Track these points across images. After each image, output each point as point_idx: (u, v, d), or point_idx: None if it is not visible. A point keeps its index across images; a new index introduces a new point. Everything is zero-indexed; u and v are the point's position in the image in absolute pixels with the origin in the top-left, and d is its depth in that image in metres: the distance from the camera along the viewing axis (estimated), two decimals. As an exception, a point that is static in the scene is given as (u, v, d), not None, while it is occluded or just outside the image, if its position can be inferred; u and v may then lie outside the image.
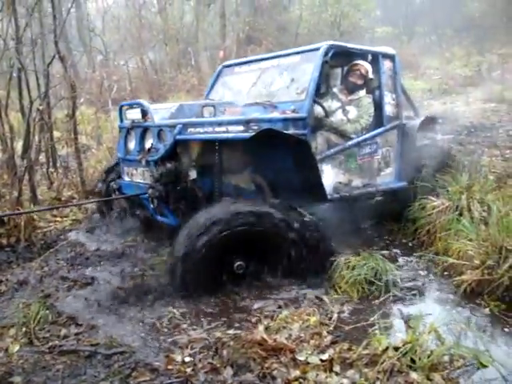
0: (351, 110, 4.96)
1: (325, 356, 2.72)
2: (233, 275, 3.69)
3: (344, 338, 2.95)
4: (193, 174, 4.01)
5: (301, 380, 2.52)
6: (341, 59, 5.11)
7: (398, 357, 2.60)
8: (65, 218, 5.77)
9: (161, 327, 3.19)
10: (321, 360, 2.69)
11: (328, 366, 2.63)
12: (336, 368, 2.62)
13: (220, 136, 3.94)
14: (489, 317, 3.28)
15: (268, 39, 15.81)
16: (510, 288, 3.40)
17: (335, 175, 4.71)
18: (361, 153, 4.94)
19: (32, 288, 3.84)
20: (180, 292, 3.54)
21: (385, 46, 5.63)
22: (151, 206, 4.13)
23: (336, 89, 5.15)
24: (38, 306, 3.29)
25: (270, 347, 2.77)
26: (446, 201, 4.73)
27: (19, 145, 6.19)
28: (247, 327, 3.11)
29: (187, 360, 2.75)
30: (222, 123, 4.05)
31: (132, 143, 4.47)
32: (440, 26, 22.66)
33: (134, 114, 4.33)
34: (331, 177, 4.66)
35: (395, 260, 4.36)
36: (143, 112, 4.23)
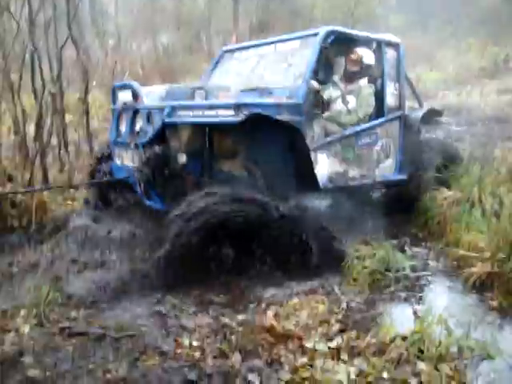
0: (350, 100, 4.86)
1: (332, 344, 2.73)
2: (222, 264, 3.60)
3: (352, 327, 2.96)
4: (182, 159, 3.88)
5: (308, 367, 2.53)
6: (343, 46, 4.99)
7: (406, 346, 2.60)
8: (75, 202, 5.79)
9: (167, 312, 3.21)
10: (328, 348, 2.70)
11: (335, 354, 2.64)
12: (343, 356, 2.62)
13: (208, 120, 3.79)
14: (497, 309, 3.27)
15: (281, 24, 15.65)
16: (520, 281, 3.38)
17: (331, 165, 4.54)
18: (359, 143, 4.81)
19: (43, 270, 3.86)
20: (167, 282, 3.43)
21: (389, 34, 5.51)
22: (139, 190, 4.05)
23: (337, 77, 5.04)
24: (49, 289, 3.31)
25: (279, 334, 2.78)
26: (458, 192, 4.70)
27: (31, 127, 6.20)
28: (256, 313, 3.13)
29: (195, 344, 2.76)
30: (212, 107, 3.86)
31: (123, 126, 4.37)
32: (456, 16, 22.36)
33: (126, 96, 4.23)
34: (326, 166, 4.49)
35: (405, 250, 4.33)
36: (134, 94, 4.13)
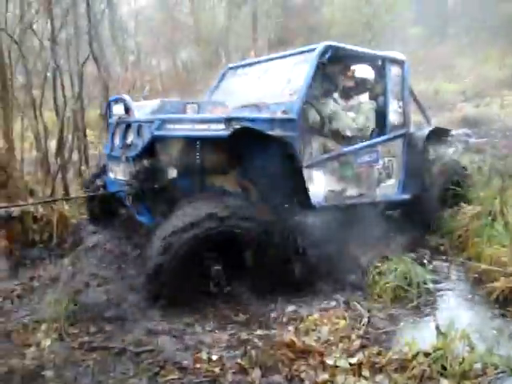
0: (350, 116, 4.73)
1: (354, 360, 2.69)
2: (212, 280, 3.53)
3: (374, 343, 2.92)
4: (172, 173, 3.79)
5: (329, 383, 2.50)
6: (342, 62, 4.86)
7: (429, 363, 2.56)
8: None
9: (185, 327, 3.21)
10: (350, 364, 2.66)
11: (357, 370, 2.61)
12: (365, 372, 2.59)
13: (196, 133, 3.70)
14: (521, 325, 3.20)
15: (299, 40, 15.75)
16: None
17: (327, 182, 4.40)
18: (359, 161, 4.66)
19: (63, 284, 3.89)
20: (158, 301, 3.36)
21: (395, 51, 5.40)
22: (128, 204, 4.00)
23: (337, 94, 4.92)
24: (68, 303, 3.34)
25: (299, 349, 2.76)
26: (478, 206, 4.65)
27: (53, 143, 6.30)
28: (276, 328, 3.11)
29: (215, 359, 2.75)
30: (203, 121, 3.78)
31: (118, 139, 4.31)
32: (474, 27, 22.25)
33: (119, 110, 4.21)
34: (323, 184, 4.36)
35: (426, 265, 4.28)
36: (126, 108, 4.11)
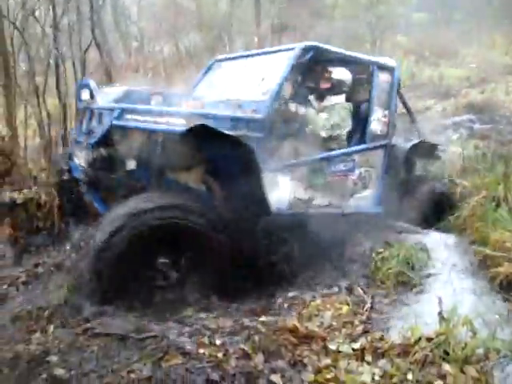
0: (323, 117, 4.51)
1: (356, 345, 2.71)
2: (158, 273, 3.45)
3: (376, 328, 2.93)
4: (131, 165, 3.68)
5: (332, 368, 2.52)
6: (326, 65, 4.68)
7: (431, 348, 2.57)
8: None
9: (191, 313, 3.23)
10: (352, 349, 2.68)
11: (359, 355, 2.62)
12: (368, 357, 2.60)
13: (152, 127, 3.54)
14: (525, 310, 3.19)
15: (302, 24, 15.60)
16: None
17: (294, 189, 4.15)
18: (332, 169, 4.41)
19: (67, 271, 3.90)
20: (98, 291, 3.26)
21: (386, 57, 5.19)
22: (84, 190, 3.94)
23: (312, 95, 4.74)
24: (72, 289, 3.35)
25: (302, 335, 2.77)
26: (483, 190, 4.65)
27: (56, 131, 6.29)
28: (279, 315, 3.12)
29: (218, 344, 2.76)
30: (162, 114, 3.66)
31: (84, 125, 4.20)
32: (479, 12, 22.00)
33: (85, 95, 4.11)
34: (287, 190, 4.10)
35: (429, 250, 4.27)
36: (91, 93, 4.02)
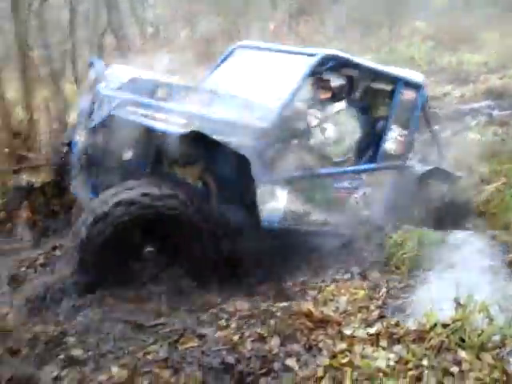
0: (329, 129, 4.21)
1: (372, 330, 2.70)
2: (144, 262, 3.43)
3: (392, 313, 2.93)
4: (127, 155, 3.65)
5: (347, 353, 2.52)
6: (345, 77, 4.32)
7: (447, 334, 2.55)
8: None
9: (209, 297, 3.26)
10: (367, 334, 2.67)
11: (375, 341, 2.62)
12: (383, 343, 2.59)
13: (148, 123, 3.45)
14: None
15: (320, 9, 15.43)
16: None
17: (291, 202, 3.91)
18: (335, 185, 4.15)
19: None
20: (82, 279, 3.26)
21: (414, 71, 4.86)
22: (73, 172, 3.86)
23: (319, 105, 4.37)
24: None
25: (317, 319, 2.78)
26: (502, 177, 4.61)
27: (72, 116, 6.32)
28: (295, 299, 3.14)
29: (234, 326, 2.79)
30: (163, 110, 3.58)
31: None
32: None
33: (92, 74, 4.06)
34: (285, 203, 3.88)
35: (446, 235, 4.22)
36: (98, 74, 3.95)
